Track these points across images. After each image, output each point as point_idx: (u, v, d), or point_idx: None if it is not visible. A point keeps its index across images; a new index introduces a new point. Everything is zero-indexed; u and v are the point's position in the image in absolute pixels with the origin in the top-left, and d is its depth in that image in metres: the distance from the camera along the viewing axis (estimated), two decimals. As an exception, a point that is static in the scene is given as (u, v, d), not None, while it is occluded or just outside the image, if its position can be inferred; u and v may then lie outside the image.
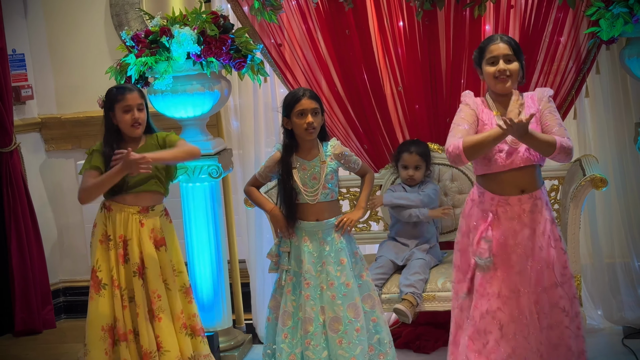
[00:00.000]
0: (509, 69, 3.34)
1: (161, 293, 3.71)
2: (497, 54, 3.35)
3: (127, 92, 3.72)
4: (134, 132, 3.73)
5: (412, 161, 4.32)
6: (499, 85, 3.37)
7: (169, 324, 3.72)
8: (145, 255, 3.71)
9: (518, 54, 3.36)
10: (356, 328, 3.59)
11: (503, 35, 3.42)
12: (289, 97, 3.68)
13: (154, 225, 3.75)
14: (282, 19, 4.58)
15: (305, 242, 3.65)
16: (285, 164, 3.66)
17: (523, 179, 3.35)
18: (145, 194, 3.74)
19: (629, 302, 4.57)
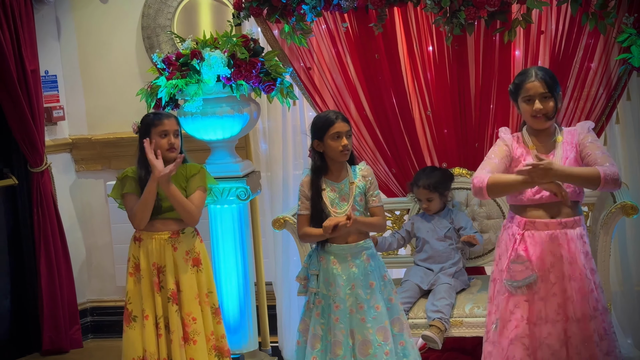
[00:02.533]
0: (544, 108, 3.34)
1: (196, 315, 3.74)
2: (533, 93, 3.35)
3: (165, 117, 3.80)
4: (169, 155, 3.77)
5: (422, 195, 4.33)
6: (536, 124, 3.39)
7: (202, 346, 3.74)
8: (181, 278, 3.74)
9: (553, 90, 3.35)
10: (385, 352, 3.58)
11: (539, 71, 3.40)
12: (321, 120, 3.69)
13: (188, 247, 3.78)
14: (311, 42, 4.61)
15: (334, 265, 3.65)
16: (315, 186, 3.67)
17: (552, 207, 3.34)
18: (174, 221, 3.77)
19: (659, 331, 4.51)
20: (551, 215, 3.34)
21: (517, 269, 3.33)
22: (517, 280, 3.32)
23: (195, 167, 3.89)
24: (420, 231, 4.37)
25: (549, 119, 3.36)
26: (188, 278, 3.74)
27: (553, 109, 3.34)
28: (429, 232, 4.33)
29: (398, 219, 4.64)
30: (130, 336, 3.73)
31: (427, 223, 4.37)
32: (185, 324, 3.72)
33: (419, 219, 4.42)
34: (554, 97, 3.34)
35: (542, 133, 3.41)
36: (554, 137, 3.41)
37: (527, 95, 3.36)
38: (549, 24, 4.36)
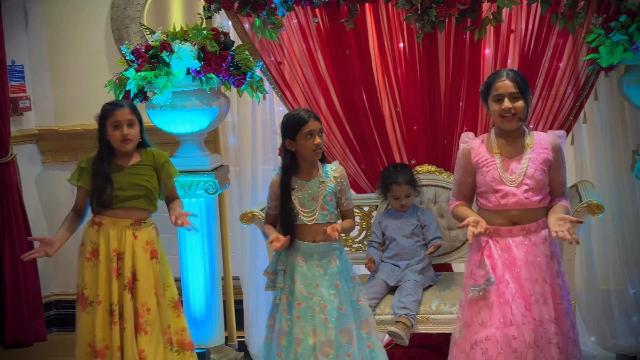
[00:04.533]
0: (514, 107, 3.34)
1: (151, 306, 3.69)
2: (503, 92, 3.35)
3: (117, 107, 3.72)
4: (124, 147, 3.73)
5: (404, 191, 4.33)
6: (505, 123, 3.38)
7: (155, 338, 3.69)
8: (138, 267, 3.70)
9: (524, 91, 3.36)
10: (348, 354, 3.57)
11: (510, 71, 3.40)
12: (293, 119, 3.66)
13: (148, 236, 3.75)
14: (282, 37, 4.59)
15: (300, 263, 3.64)
16: (284, 186, 3.65)
17: (515, 215, 3.36)
18: (135, 210, 3.74)
19: (622, 329, 4.55)
20: (514, 222, 3.36)
21: (478, 274, 3.35)
22: (478, 285, 3.34)
23: (164, 155, 3.84)
24: (388, 229, 4.37)
25: (520, 119, 3.36)
26: (146, 268, 3.70)
27: (523, 110, 3.35)
28: (396, 230, 4.33)
29: (367, 215, 4.64)
30: (86, 321, 3.69)
31: (394, 221, 4.37)
32: (139, 314, 3.68)
33: (386, 216, 4.42)
34: (524, 98, 3.35)
35: (510, 136, 3.41)
36: (522, 140, 3.41)
37: (497, 94, 3.37)
38: (519, 23, 4.38)
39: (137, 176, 3.74)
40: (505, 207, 3.34)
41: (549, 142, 3.40)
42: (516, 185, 3.32)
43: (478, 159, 3.40)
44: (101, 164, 3.71)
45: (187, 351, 3.83)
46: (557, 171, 3.38)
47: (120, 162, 3.74)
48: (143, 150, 3.80)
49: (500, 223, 3.37)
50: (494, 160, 3.37)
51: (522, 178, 3.33)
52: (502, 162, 3.35)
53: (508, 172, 3.34)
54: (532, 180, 3.32)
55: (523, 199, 3.32)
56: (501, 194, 3.33)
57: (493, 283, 3.32)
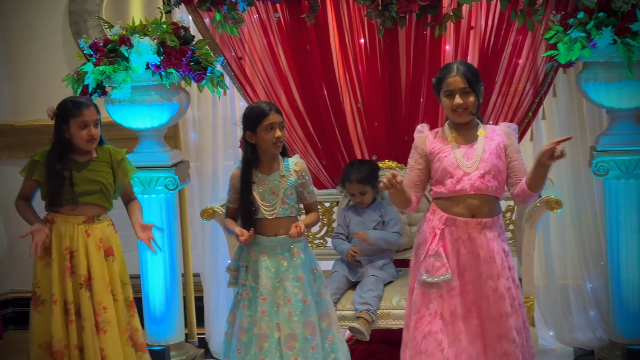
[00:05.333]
0: (465, 103, 3.37)
1: (107, 305, 3.65)
2: (454, 87, 3.38)
3: (84, 107, 3.66)
4: (89, 147, 3.69)
5: (356, 189, 4.33)
6: (456, 117, 3.42)
7: (114, 336, 3.65)
8: (92, 265, 3.65)
9: (474, 85, 3.38)
10: (312, 346, 3.57)
11: (460, 65, 3.42)
12: (254, 111, 3.64)
13: (102, 234, 3.70)
14: (243, 32, 4.56)
15: (263, 258, 3.62)
16: (244, 179, 3.63)
17: (473, 205, 3.37)
18: (89, 206, 3.69)
19: (580, 323, 4.61)
20: (472, 214, 3.37)
21: (434, 264, 3.36)
22: (433, 276, 3.35)
23: (120, 152, 3.79)
24: (351, 223, 4.37)
25: (471, 113, 3.39)
26: (99, 266, 3.65)
27: (474, 104, 3.38)
28: (358, 225, 4.34)
29: (328, 211, 4.64)
30: (39, 321, 3.64)
31: (357, 216, 4.38)
32: (97, 313, 3.63)
33: (349, 212, 4.42)
34: (475, 92, 3.38)
35: (463, 127, 3.44)
36: (475, 130, 3.44)
37: (447, 89, 3.39)
38: (479, 20, 4.41)
39: (92, 172, 3.69)
40: (461, 193, 3.35)
41: (501, 130, 3.46)
42: (472, 170, 3.34)
43: (433, 148, 3.43)
44: (57, 162, 3.64)
45: (139, 352, 3.78)
46: (514, 154, 3.41)
47: (76, 158, 3.70)
48: (99, 147, 3.75)
49: (458, 213, 3.38)
50: (450, 147, 3.39)
51: (478, 163, 3.35)
52: (458, 148, 3.38)
53: (464, 157, 3.37)
54: (487, 164, 3.35)
55: (480, 184, 3.34)
56: (456, 178, 3.35)
57: (449, 279, 3.34)
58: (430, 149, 3.43)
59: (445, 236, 3.38)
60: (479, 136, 3.42)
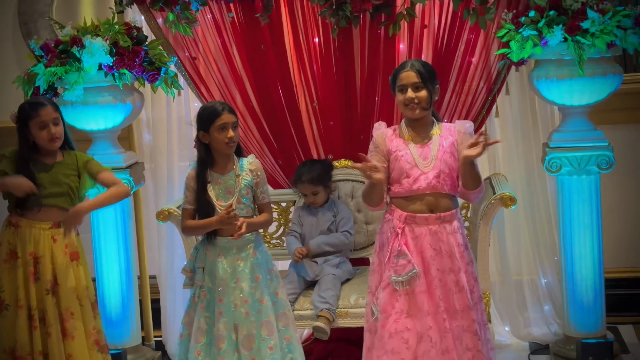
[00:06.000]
0: (417, 97, 3.39)
1: (74, 310, 3.61)
2: (406, 82, 3.41)
3: (40, 107, 3.61)
4: (53, 146, 3.64)
5: (308, 189, 4.33)
6: (409, 112, 3.44)
7: (82, 342, 3.61)
8: (59, 271, 3.60)
9: (427, 82, 3.40)
10: (269, 346, 3.55)
11: (415, 62, 3.45)
12: (207, 111, 3.62)
13: (68, 239, 3.65)
14: (197, 32, 4.54)
15: (220, 258, 3.60)
16: (200, 179, 3.61)
17: (431, 201, 3.40)
18: (55, 210, 3.63)
19: (535, 318, 4.66)
20: (430, 210, 3.40)
21: (400, 263, 3.37)
22: (401, 274, 3.37)
23: (85, 156, 3.76)
24: (305, 224, 4.37)
25: (423, 109, 3.42)
26: (66, 271, 3.61)
27: (426, 99, 3.40)
28: (313, 225, 4.34)
29: (284, 211, 4.63)
30: (3, 325, 3.58)
31: (311, 216, 4.38)
32: (64, 319, 3.59)
33: (303, 211, 4.42)
34: (427, 88, 3.40)
35: (419, 125, 3.46)
36: (430, 129, 3.46)
37: (401, 84, 3.43)
38: (432, 19, 4.44)
39: (58, 174, 3.64)
40: (417, 192, 3.37)
41: (455, 128, 3.49)
42: (429, 169, 3.37)
43: (391, 146, 3.44)
44: (25, 166, 3.59)
45: (103, 353, 3.75)
46: None
47: (43, 160, 3.65)
48: (66, 152, 3.71)
49: (416, 210, 3.39)
50: (408, 146, 3.42)
51: (434, 162, 3.38)
52: (415, 148, 3.41)
53: (421, 157, 3.39)
54: (442, 163, 3.38)
55: (435, 183, 3.37)
56: (413, 177, 3.37)
57: (416, 274, 3.35)
58: (389, 147, 3.45)
59: (406, 234, 3.39)
60: (434, 135, 3.45)
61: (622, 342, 4.53)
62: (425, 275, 3.37)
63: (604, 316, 4.20)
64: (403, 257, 3.36)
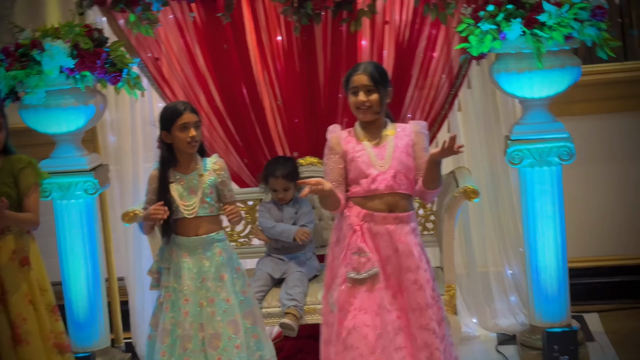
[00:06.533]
0: (368, 100, 3.41)
1: (27, 315, 3.56)
2: (358, 84, 3.42)
3: None
4: None
5: (280, 185, 4.35)
6: (360, 115, 3.45)
7: (37, 346, 3.58)
8: (6, 278, 3.55)
9: (379, 85, 3.41)
10: (236, 345, 3.56)
11: (368, 65, 3.46)
12: (169, 110, 3.63)
13: (15, 245, 3.60)
14: (159, 32, 4.53)
15: (185, 258, 3.61)
16: (162, 178, 3.61)
17: (389, 201, 3.41)
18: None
19: (502, 309, 4.71)
20: (389, 209, 3.42)
21: (360, 261, 3.38)
22: (360, 272, 3.39)
23: (22, 160, 3.65)
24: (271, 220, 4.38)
25: (375, 112, 3.43)
26: (15, 278, 3.56)
27: (377, 102, 3.41)
28: (278, 222, 4.35)
29: (251, 209, 4.64)
30: None
31: (277, 212, 4.39)
32: (16, 325, 3.54)
33: (269, 207, 4.42)
34: (379, 92, 3.41)
35: (372, 127, 3.48)
36: (384, 130, 3.48)
37: (353, 86, 3.44)
38: (393, 15, 4.46)
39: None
40: (375, 192, 3.39)
41: (410, 129, 3.50)
42: (385, 169, 3.39)
43: (347, 147, 3.46)
44: None
45: (67, 354, 3.73)
46: (420, 153, 3.45)
47: None
48: (6, 157, 3.64)
49: (375, 208, 3.41)
50: (364, 147, 3.43)
51: (390, 162, 3.40)
52: (371, 147, 3.43)
53: (377, 157, 3.42)
54: (398, 163, 3.40)
55: (392, 183, 3.39)
56: (371, 178, 3.39)
57: (376, 272, 3.37)
58: (345, 149, 3.46)
59: (364, 232, 3.41)
60: (388, 136, 3.46)
61: (587, 331, 4.59)
62: (382, 273, 3.39)
63: (568, 305, 4.26)
64: (363, 254, 3.38)
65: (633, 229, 4.99)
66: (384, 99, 3.44)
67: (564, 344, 4.05)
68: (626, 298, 4.96)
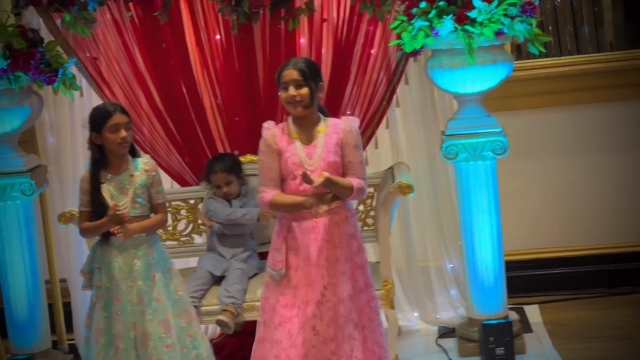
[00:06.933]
0: (298, 94, 3.43)
1: None
2: (288, 79, 3.44)
3: None
4: None
5: (221, 179, 4.35)
6: (291, 109, 3.47)
7: None
8: None
9: (309, 79, 3.43)
10: (166, 344, 3.57)
11: (298, 61, 3.48)
12: (99, 112, 3.63)
13: None
14: (97, 32, 4.52)
15: (116, 258, 3.61)
16: (93, 180, 3.61)
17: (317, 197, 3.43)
18: None
19: (442, 303, 4.76)
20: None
21: (276, 258, 3.45)
22: (275, 269, 3.45)
23: None
24: (213, 217, 4.38)
25: (305, 106, 3.45)
26: None
27: (307, 97, 3.42)
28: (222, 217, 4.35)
29: (192, 208, 4.64)
30: None
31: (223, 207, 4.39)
32: None
33: (215, 203, 4.42)
34: (309, 86, 3.43)
35: (305, 122, 3.49)
36: (316, 126, 3.50)
37: (283, 82, 3.45)
38: (331, 12, 4.49)
39: None
40: (304, 193, 3.42)
41: (340, 126, 3.51)
42: (314, 169, 3.41)
43: (281, 145, 3.48)
44: None
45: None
46: (347, 151, 3.47)
47: None
48: None
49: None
50: (295, 146, 3.45)
51: (319, 162, 3.42)
52: (302, 147, 3.45)
53: (307, 157, 3.44)
54: (326, 163, 3.43)
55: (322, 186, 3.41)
56: (299, 179, 3.41)
57: (282, 274, 3.42)
58: (279, 147, 3.48)
59: (294, 228, 3.44)
60: (319, 133, 3.48)
61: (526, 322, 4.65)
62: (312, 266, 3.42)
63: (505, 298, 4.31)
64: (280, 253, 3.44)
65: (571, 221, 5.07)
66: (314, 94, 3.46)
67: (500, 335, 4.10)
68: (566, 290, 5.04)
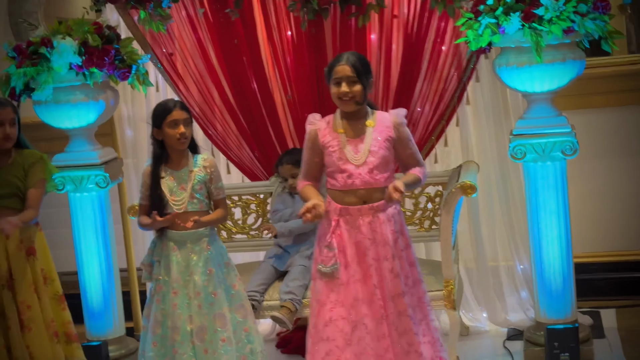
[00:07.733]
0: (351, 91, 3.41)
1: (31, 303, 3.72)
2: (341, 75, 3.42)
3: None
4: (5, 145, 3.74)
5: (287, 171, 4.39)
6: (343, 106, 3.45)
7: (39, 333, 3.72)
8: (13, 266, 3.71)
9: (362, 76, 3.40)
10: (222, 338, 3.64)
11: (351, 56, 3.45)
12: (160, 108, 3.72)
13: (22, 235, 3.75)
14: (172, 28, 4.62)
15: (174, 252, 3.69)
16: (154, 174, 3.71)
17: (364, 194, 3.43)
18: (6, 210, 3.72)
19: (512, 304, 4.66)
20: (363, 201, 3.43)
21: (327, 255, 3.43)
22: (327, 265, 3.43)
23: (34, 155, 3.81)
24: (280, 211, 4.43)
25: (357, 103, 3.43)
26: (21, 266, 3.72)
27: (360, 93, 3.41)
28: (287, 213, 4.39)
29: (262, 202, 4.70)
30: None
31: (290, 201, 4.43)
32: (20, 312, 3.70)
33: (283, 199, 4.47)
34: (362, 83, 3.41)
35: (353, 117, 3.48)
36: (364, 120, 3.48)
37: (336, 77, 3.43)
38: (402, 8, 4.45)
39: (10, 175, 3.74)
40: (352, 187, 3.41)
41: (390, 121, 3.48)
42: (361, 163, 3.39)
43: (324, 140, 3.47)
44: None
45: (74, 343, 3.87)
46: (402, 146, 3.45)
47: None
48: (19, 151, 3.80)
49: (349, 202, 3.44)
50: (340, 140, 3.44)
51: (367, 156, 3.40)
52: (347, 142, 3.43)
53: (353, 151, 3.42)
54: (375, 158, 3.40)
55: (369, 178, 3.40)
56: (347, 173, 3.40)
57: (337, 268, 3.41)
58: (321, 142, 3.48)
59: (341, 225, 3.44)
60: (367, 127, 3.46)
61: (599, 327, 4.50)
62: (361, 264, 3.42)
63: (573, 302, 4.19)
64: (331, 249, 3.42)
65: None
66: (366, 90, 3.44)
67: (565, 341, 3.99)
68: (646, 294, 4.86)
